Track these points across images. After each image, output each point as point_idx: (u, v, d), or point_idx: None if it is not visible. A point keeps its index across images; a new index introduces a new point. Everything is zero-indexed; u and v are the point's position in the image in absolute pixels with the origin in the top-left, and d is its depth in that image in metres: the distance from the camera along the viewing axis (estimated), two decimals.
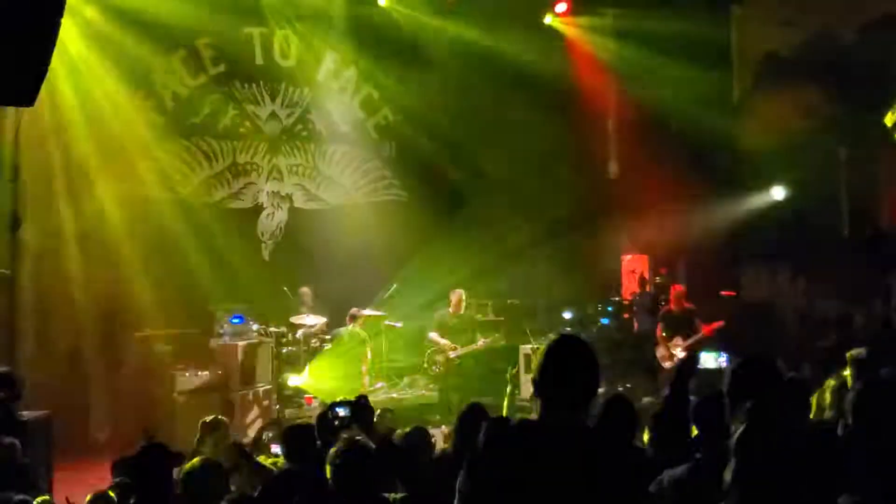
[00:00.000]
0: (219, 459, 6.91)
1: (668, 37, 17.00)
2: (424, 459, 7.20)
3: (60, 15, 7.25)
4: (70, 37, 14.22)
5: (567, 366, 3.98)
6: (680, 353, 14.81)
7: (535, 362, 4.08)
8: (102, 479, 8.38)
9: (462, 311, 15.45)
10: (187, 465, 6.16)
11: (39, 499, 7.31)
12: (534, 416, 4.22)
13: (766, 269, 18.41)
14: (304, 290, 16.40)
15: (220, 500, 5.93)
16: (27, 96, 7.70)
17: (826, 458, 4.72)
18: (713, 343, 14.31)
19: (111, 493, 7.21)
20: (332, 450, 5.53)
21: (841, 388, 7.46)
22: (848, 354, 7.56)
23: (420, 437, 7.55)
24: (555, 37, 18.87)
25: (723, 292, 17.48)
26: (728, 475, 4.28)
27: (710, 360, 11.34)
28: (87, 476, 9.42)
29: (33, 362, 13.30)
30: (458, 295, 15.40)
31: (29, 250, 13.83)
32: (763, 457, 4.26)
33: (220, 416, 8.83)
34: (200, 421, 8.63)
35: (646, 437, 6.54)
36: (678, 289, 15.80)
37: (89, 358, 14.49)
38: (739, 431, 4.36)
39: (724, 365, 10.32)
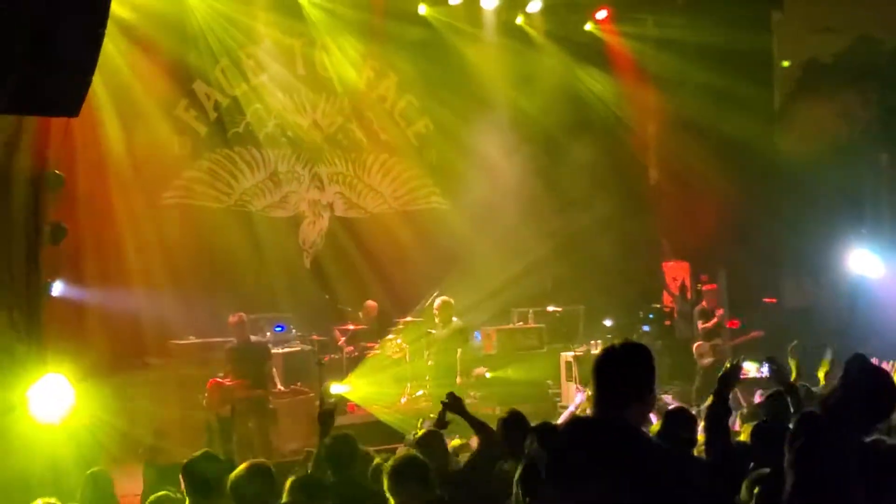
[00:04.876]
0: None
1: (709, 43, 16.97)
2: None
3: (104, 26, 7.35)
4: (113, 47, 14.34)
5: (610, 368, 4.20)
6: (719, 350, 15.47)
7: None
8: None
9: (448, 322, 15.47)
10: (234, 472, 6.22)
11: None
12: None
13: (807, 275, 18.32)
14: (371, 303, 16.48)
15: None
16: (72, 107, 7.80)
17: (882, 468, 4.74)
18: (756, 352, 14.33)
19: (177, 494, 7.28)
20: None
21: None
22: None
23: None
24: (594, 45, 18.90)
25: (765, 299, 17.43)
26: (788, 486, 4.28)
27: (752, 369, 11.36)
28: (127, 481, 9.47)
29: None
30: (440, 303, 15.51)
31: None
32: (824, 470, 4.26)
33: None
34: None
35: None
36: (712, 288, 16.36)
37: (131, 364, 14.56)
38: (798, 444, 4.36)
39: (765, 374, 10.30)
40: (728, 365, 5.47)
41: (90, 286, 14.06)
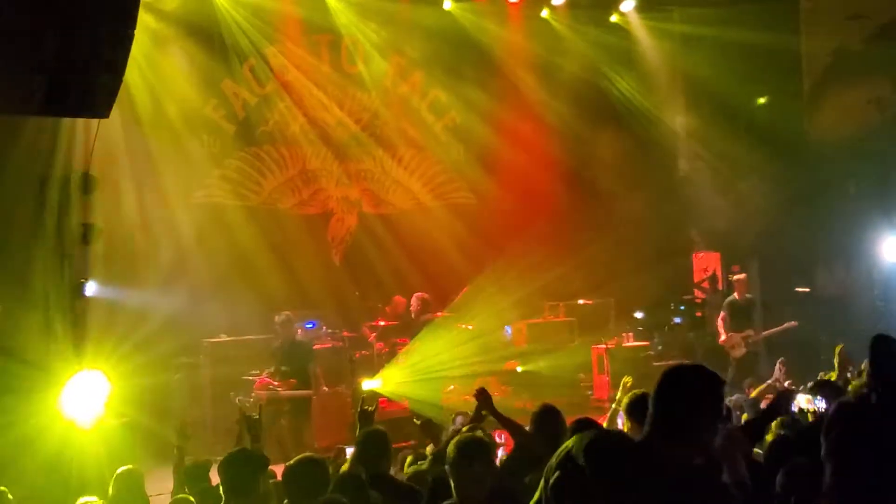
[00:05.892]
0: None
1: (736, 32, 16.88)
2: None
3: (133, 28, 7.38)
4: (142, 47, 14.40)
5: (655, 395, 4.10)
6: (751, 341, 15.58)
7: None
8: None
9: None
10: (289, 462, 6.31)
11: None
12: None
13: (840, 264, 18.19)
14: (399, 299, 16.47)
15: (319, 495, 5.97)
16: (103, 108, 7.84)
17: None
18: (789, 343, 14.29)
19: (191, 498, 7.31)
20: None
21: None
22: None
23: None
24: (620, 36, 18.85)
25: (797, 288, 17.33)
26: (828, 475, 4.25)
27: (802, 401, 11.16)
28: (158, 480, 9.48)
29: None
30: (416, 299, 15.76)
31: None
32: (861, 457, 4.23)
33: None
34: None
35: None
36: (742, 278, 16.19)
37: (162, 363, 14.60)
38: (834, 433, 4.33)
39: (820, 408, 9.99)
40: (778, 392, 5.35)
41: (121, 286, 14.12)
